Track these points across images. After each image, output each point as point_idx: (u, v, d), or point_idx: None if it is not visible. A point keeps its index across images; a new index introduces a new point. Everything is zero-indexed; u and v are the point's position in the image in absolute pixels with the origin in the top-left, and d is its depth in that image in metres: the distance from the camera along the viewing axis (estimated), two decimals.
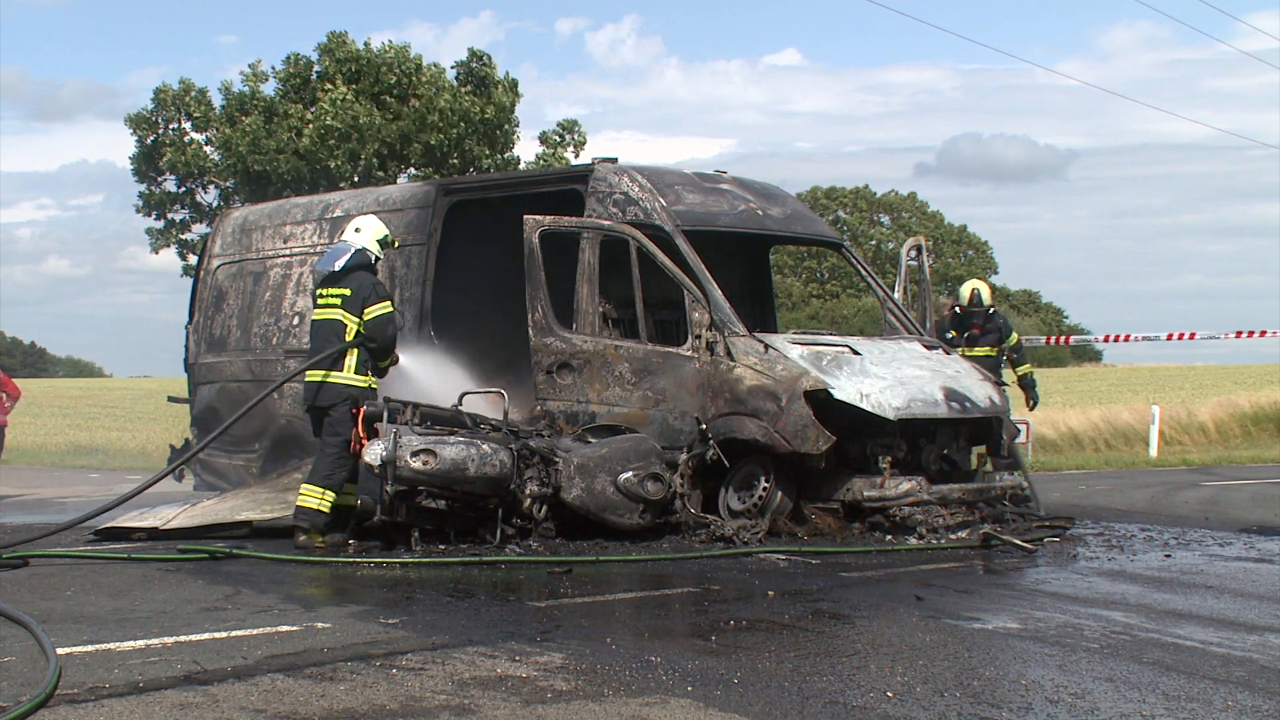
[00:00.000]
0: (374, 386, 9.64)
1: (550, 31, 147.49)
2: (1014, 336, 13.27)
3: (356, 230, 9.82)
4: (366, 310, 9.47)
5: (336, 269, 9.59)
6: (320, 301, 9.63)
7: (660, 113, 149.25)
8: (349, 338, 9.48)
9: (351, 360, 9.49)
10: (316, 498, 9.41)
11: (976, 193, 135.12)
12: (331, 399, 9.45)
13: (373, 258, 9.74)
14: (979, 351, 12.77)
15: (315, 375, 9.49)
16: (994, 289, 13.22)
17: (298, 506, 9.48)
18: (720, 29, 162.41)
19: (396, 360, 9.89)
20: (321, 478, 9.44)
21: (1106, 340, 27.03)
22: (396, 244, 10.46)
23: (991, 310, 13.08)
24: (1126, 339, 24.82)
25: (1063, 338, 35.68)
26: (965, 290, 13.21)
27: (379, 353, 9.59)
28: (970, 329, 12.95)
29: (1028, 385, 13.29)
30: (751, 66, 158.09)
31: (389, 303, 9.64)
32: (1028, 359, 13.68)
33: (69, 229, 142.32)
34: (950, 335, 12.79)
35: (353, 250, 9.65)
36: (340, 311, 9.49)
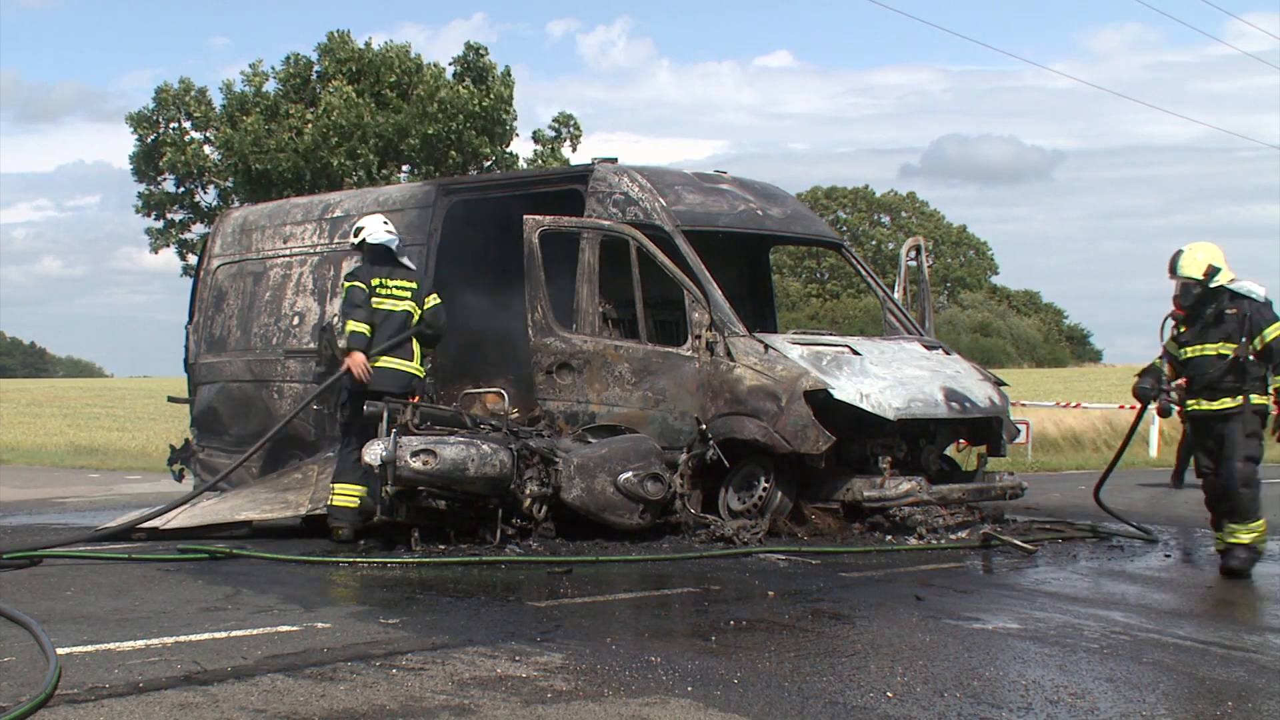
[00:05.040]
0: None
1: (542, 33, 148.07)
2: (1272, 331, 8.63)
3: (389, 229, 10.06)
4: (426, 300, 9.86)
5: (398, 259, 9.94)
6: (384, 292, 9.77)
7: (652, 114, 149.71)
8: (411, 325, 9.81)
9: (416, 349, 9.84)
10: (345, 496, 9.58)
11: (964, 193, 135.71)
12: (405, 387, 9.72)
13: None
14: (1197, 350, 8.86)
15: (395, 363, 9.69)
16: (1211, 266, 8.76)
17: (333, 505, 9.63)
18: (711, 31, 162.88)
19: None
20: (357, 477, 9.57)
21: None
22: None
23: (1215, 287, 8.76)
24: None
25: None
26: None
27: (433, 340, 10.01)
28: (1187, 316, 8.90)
29: None
30: (743, 68, 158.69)
31: (437, 294, 10.08)
32: None
33: (66, 230, 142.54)
34: (1181, 331, 8.97)
35: (397, 243, 10.03)
36: (411, 303, 9.78)
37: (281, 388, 12.50)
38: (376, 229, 10.00)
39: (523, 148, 41.27)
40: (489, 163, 39.05)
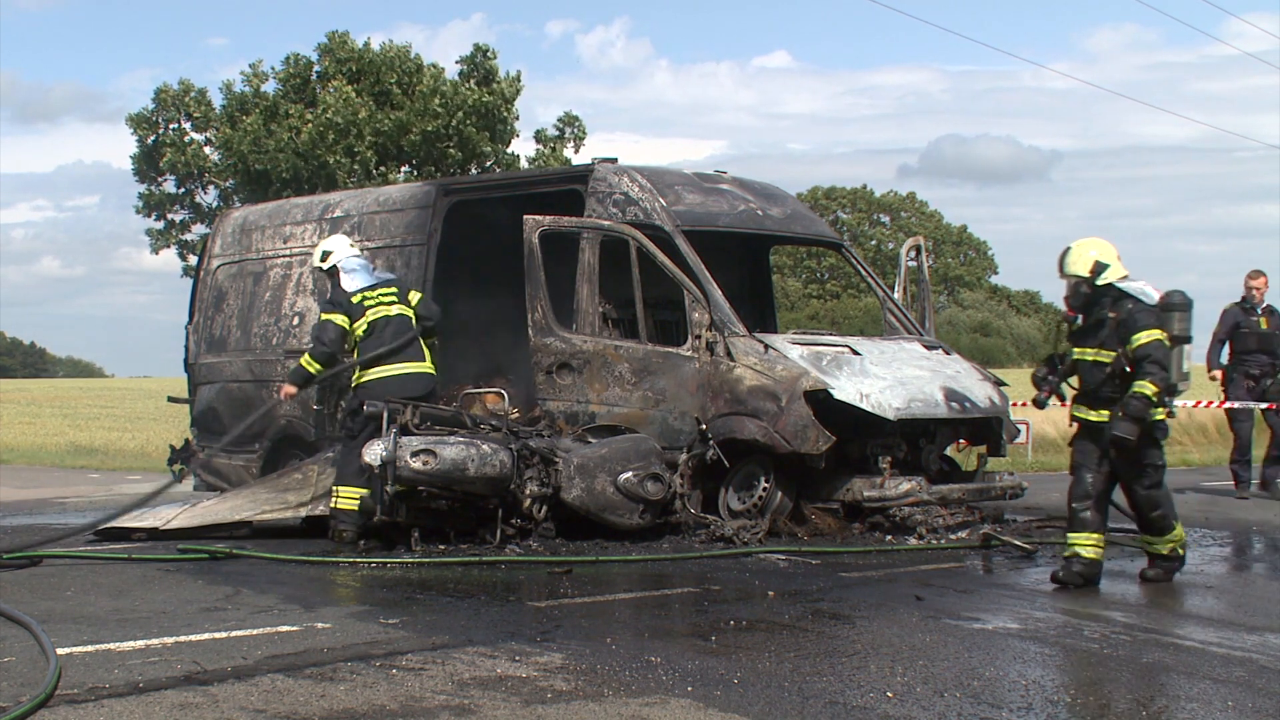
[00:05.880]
0: None
1: (540, 34, 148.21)
2: (1140, 337, 7.87)
3: (357, 253, 10.38)
4: (410, 297, 10.07)
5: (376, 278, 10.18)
6: (372, 302, 9.90)
7: (651, 114, 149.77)
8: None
9: (426, 349, 10.06)
10: (348, 499, 9.55)
11: (962, 194, 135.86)
12: (427, 389, 9.91)
13: None
14: (1079, 354, 8.26)
15: (411, 367, 9.81)
16: (1100, 263, 8.09)
17: (337, 509, 9.59)
18: (710, 31, 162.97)
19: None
20: (360, 480, 9.51)
21: None
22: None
23: (1103, 285, 8.06)
24: None
25: None
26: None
27: (433, 331, 10.19)
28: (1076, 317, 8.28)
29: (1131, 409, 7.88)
30: (741, 68, 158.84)
31: (416, 290, 10.37)
32: (1149, 371, 7.81)
33: (66, 230, 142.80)
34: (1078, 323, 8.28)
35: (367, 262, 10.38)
36: (402, 305, 9.95)
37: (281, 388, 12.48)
38: (343, 252, 10.20)
39: (524, 147, 41.30)
40: (490, 162, 39.04)
